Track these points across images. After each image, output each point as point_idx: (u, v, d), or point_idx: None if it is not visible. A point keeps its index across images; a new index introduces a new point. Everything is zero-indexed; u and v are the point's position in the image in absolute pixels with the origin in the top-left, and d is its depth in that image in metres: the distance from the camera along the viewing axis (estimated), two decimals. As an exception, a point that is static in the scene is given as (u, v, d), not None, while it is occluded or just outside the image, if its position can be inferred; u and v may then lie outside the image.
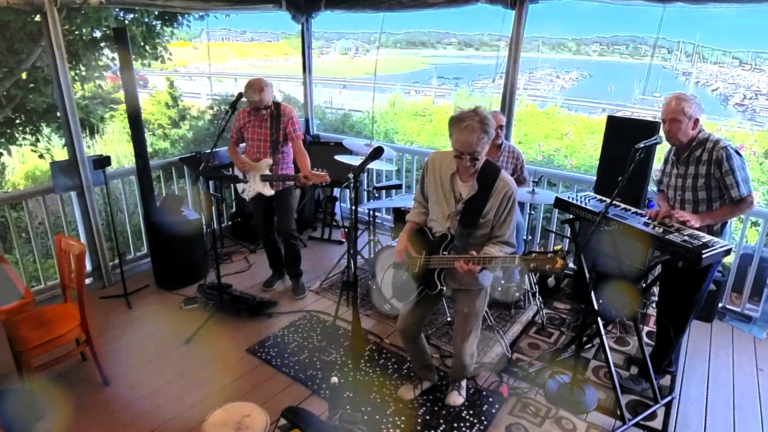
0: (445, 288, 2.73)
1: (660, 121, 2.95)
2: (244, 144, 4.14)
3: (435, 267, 2.69)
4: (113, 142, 11.85)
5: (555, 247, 2.40)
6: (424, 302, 2.86)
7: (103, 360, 3.23)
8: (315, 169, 3.84)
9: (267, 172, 3.98)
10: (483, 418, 3.00)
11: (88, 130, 10.59)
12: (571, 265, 4.68)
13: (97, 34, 8.01)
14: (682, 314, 3.05)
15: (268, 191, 4.01)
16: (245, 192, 4.12)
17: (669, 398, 3.16)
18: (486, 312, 3.68)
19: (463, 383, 3.16)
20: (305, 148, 4.11)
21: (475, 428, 2.92)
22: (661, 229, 2.68)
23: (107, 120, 10.99)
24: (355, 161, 4.33)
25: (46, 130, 8.64)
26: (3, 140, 8.18)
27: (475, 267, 2.50)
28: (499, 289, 4.14)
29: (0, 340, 3.26)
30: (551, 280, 4.38)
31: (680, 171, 2.90)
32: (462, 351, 2.89)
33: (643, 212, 2.93)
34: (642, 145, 2.70)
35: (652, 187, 3.93)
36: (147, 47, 8.57)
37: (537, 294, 4.11)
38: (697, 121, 2.78)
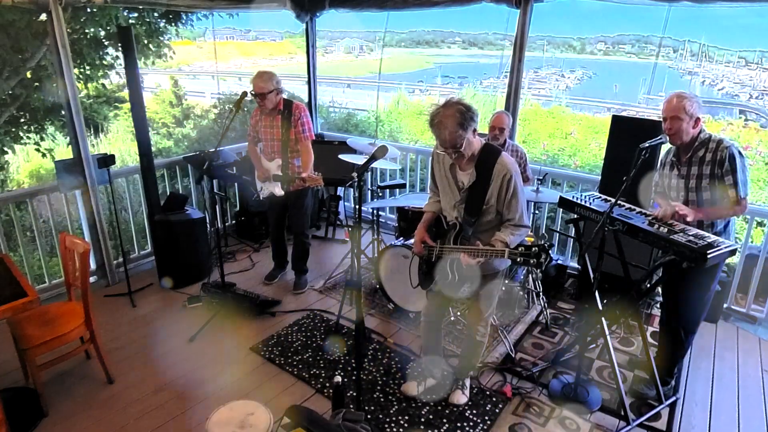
0: (457, 277, 2.75)
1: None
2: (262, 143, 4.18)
3: (448, 257, 2.73)
4: (117, 141, 11.89)
5: (539, 242, 2.43)
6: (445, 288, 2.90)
7: (107, 358, 3.23)
8: (313, 171, 3.85)
9: (278, 172, 4.01)
10: (486, 417, 2.99)
11: (92, 129, 10.65)
12: (575, 264, 4.69)
13: (102, 32, 8.05)
14: (693, 315, 3.02)
15: (279, 191, 4.06)
16: (261, 190, 4.18)
17: (673, 399, 3.15)
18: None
19: (467, 382, 3.16)
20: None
21: (479, 428, 2.92)
22: (666, 229, 2.67)
23: (111, 119, 11.03)
24: (359, 160, 4.32)
25: (50, 129, 8.68)
26: (8, 139, 8.21)
27: (474, 260, 2.52)
28: (503, 288, 4.14)
29: (5, 338, 3.28)
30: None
31: (682, 172, 2.88)
32: (475, 329, 2.94)
33: (647, 212, 2.92)
34: (647, 145, 2.69)
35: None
36: (150, 46, 8.60)
37: (541, 294, 4.10)
38: (698, 120, 2.75)
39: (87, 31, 7.96)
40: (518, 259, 2.43)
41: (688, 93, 2.78)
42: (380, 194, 4.85)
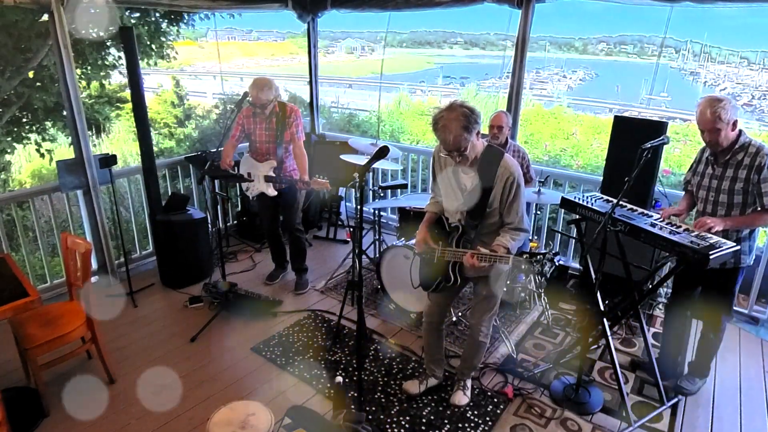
0: (460, 280, 2.75)
1: (667, 120, 2.92)
2: (245, 144, 4.15)
3: (450, 259, 2.72)
4: (119, 141, 11.92)
5: (545, 250, 2.41)
6: (446, 290, 2.89)
7: (109, 358, 3.23)
8: (317, 175, 3.84)
9: (271, 173, 4.00)
10: (488, 418, 2.99)
11: (94, 129, 10.67)
12: (576, 265, 4.68)
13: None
14: (716, 316, 3.02)
15: (272, 192, 4.05)
16: (249, 190, 4.15)
17: (675, 400, 3.14)
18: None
19: (468, 383, 3.15)
20: (311, 148, 4.12)
21: (480, 429, 2.91)
22: (668, 230, 2.66)
23: (113, 119, 11.06)
24: (361, 160, 4.32)
25: (52, 129, 8.70)
26: (9, 139, 8.23)
27: (478, 262, 2.51)
28: (504, 289, 4.13)
29: (6, 338, 3.28)
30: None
31: (717, 172, 2.82)
32: (478, 328, 2.93)
33: (650, 213, 2.91)
34: (649, 145, 2.67)
35: (658, 188, 3.91)
36: (153, 46, 8.61)
37: (542, 294, 4.09)
38: (735, 122, 2.67)
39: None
40: (523, 266, 2.42)
41: (720, 97, 2.66)
42: (382, 195, 4.85)
